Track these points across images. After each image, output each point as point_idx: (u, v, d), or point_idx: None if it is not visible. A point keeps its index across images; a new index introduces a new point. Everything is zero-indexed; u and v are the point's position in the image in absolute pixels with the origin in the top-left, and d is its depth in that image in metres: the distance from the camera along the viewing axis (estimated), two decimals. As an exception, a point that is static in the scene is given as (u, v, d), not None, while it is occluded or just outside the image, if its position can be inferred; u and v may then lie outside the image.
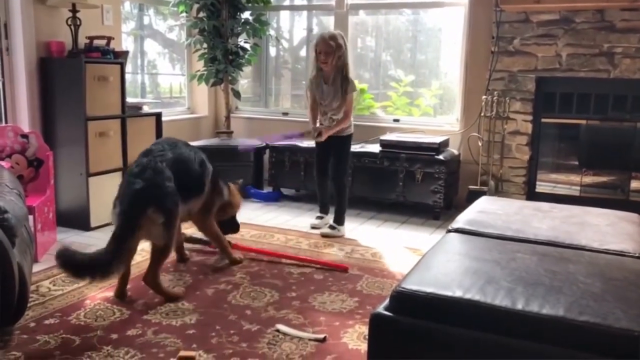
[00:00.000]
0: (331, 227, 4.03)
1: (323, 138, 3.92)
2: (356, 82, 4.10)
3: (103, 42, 4.02)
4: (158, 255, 2.83)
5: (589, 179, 4.40)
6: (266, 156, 5.15)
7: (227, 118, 5.39)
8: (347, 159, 4.09)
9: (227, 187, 3.44)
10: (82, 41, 3.96)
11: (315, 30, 5.95)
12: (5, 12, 3.80)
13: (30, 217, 3.05)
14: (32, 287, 2.80)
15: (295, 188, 5.17)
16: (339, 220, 4.06)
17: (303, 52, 6.14)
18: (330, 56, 3.81)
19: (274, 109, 5.93)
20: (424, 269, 1.91)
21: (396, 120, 5.16)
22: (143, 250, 3.51)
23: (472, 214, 2.61)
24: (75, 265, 2.49)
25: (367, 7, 5.49)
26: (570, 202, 3.19)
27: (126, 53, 4.33)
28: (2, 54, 3.85)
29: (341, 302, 2.83)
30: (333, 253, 3.61)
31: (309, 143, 4.88)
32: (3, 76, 3.87)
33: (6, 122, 3.90)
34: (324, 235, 3.97)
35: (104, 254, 2.55)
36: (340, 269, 3.29)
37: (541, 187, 4.51)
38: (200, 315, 2.65)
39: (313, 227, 4.13)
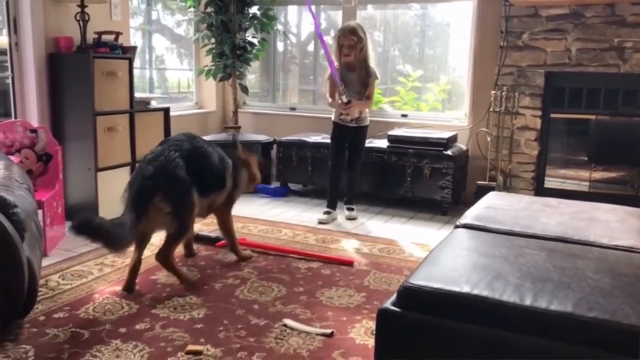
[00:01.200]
0: (350, 209, 4.34)
1: (350, 108, 4.08)
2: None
3: (111, 37, 4.03)
4: (170, 240, 2.88)
5: (598, 175, 4.37)
6: (274, 151, 5.15)
7: (235, 113, 5.39)
8: (364, 149, 4.34)
9: (245, 168, 3.37)
10: (91, 36, 3.97)
11: (324, 25, 5.94)
12: (15, 8, 3.81)
13: (40, 212, 3.06)
14: (41, 281, 2.82)
15: (303, 183, 5.17)
16: (353, 201, 4.40)
17: (311, 47, 6.13)
18: (353, 49, 4.05)
19: (281, 103, 5.93)
20: (431, 265, 1.91)
21: (404, 116, 5.14)
22: (152, 245, 3.53)
23: (480, 210, 2.60)
24: (91, 230, 2.50)
25: (375, 2, 5.46)
26: (579, 198, 3.18)
27: (134, 48, 4.34)
28: (12, 50, 3.86)
29: (348, 297, 2.83)
30: (340, 248, 3.61)
31: (317, 139, 4.88)
32: (12, 71, 3.89)
33: (15, 117, 3.92)
34: (350, 219, 4.27)
35: (113, 234, 2.55)
36: (345, 264, 3.30)
37: (550, 183, 4.49)
38: (208, 309, 2.66)
39: (321, 223, 4.15)
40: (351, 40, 4.02)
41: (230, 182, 3.21)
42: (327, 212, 4.24)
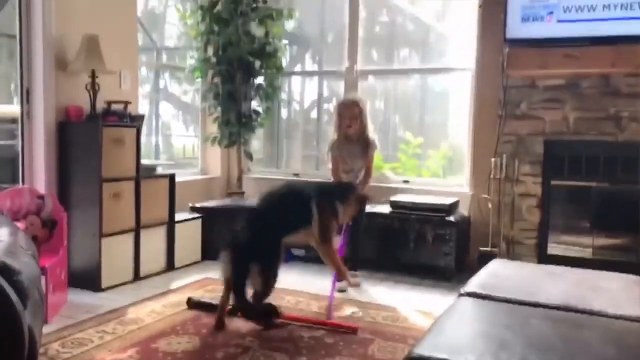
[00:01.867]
0: (354, 275, 4.26)
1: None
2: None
3: (120, 106, 4.14)
4: (258, 296, 3.26)
5: (601, 242, 4.37)
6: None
7: (239, 179, 5.46)
8: (365, 214, 4.36)
9: (341, 204, 3.62)
10: (100, 105, 4.08)
11: (326, 93, 6.10)
12: (28, 79, 3.94)
13: (42, 278, 3.05)
14: (41, 350, 2.78)
15: (305, 248, 5.15)
16: (357, 267, 4.38)
17: (314, 114, 6.27)
18: (355, 120, 4.16)
19: (285, 169, 6.00)
20: (436, 334, 1.90)
21: (406, 182, 5.20)
22: (153, 312, 3.51)
23: (484, 278, 2.60)
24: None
25: (376, 73, 5.64)
26: (582, 265, 3.17)
27: (142, 117, 4.45)
28: (23, 119, 3.96)
29: (352, 367, 2.78)
30: (344, 315, 3.57)
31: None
32: (22, 140, 3.98)
33: (23, 183, 3.98)
34: (354, 285, 4.16)
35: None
36: (349, 330, 3.27)
37: (553, 250, 4.47)
38: (209, 379, 2.61)
39: (341, 291, 4.07)
40: (354, 112, 4.12)
41: (317, 216, 3.46)
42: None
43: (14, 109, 4.07)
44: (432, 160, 5.41)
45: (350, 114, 4.12)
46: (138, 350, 2.91)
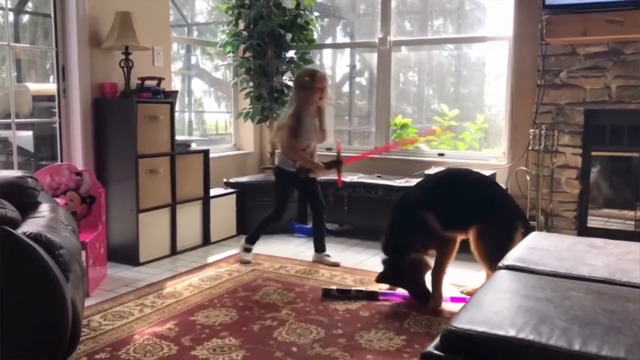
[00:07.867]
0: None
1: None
2: (399, 117, 4.15)
3: (154, 82, 4.16)
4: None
5: (644, 214, 4.25)
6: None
7: (272, 154, 5.46)
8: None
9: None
10: (134, 82, 4.11)
11: (358, 66, 6.02)
12: (64, 57, 3.99)
13: (83, 253, 3.13)
14: (84, 322, 2.85)
15: (339, 223, 5.15)
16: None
17: (345, 88, 6.21)
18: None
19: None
20: (475, 307, 1.87)
21: (441, 155, 5.12)
22: (190, 285, 3.56)
23: (523, 251, 2.55)
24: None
25: (410, 44, 5.53)
26: (624, 238, 3.09)
27: (175, 93, 4.47)
28: (60, 96, 4.02)
29: (388, 340, 2.78)
30: (380, 289, 3.56)
31: (353, 178, 4.89)
32: (60, 117, 4.04)
33: (61, 160, 4.06)
34: None
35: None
36: None
37: (593, 222, 4.37)
38: (246, 351, 2.64)
39: None
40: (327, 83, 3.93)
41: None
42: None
43: (50, 87, 4.13)
44: (469, 132, 5.31)
45: (325, 85, 3.91)
46: (177, 322, 2.97)
